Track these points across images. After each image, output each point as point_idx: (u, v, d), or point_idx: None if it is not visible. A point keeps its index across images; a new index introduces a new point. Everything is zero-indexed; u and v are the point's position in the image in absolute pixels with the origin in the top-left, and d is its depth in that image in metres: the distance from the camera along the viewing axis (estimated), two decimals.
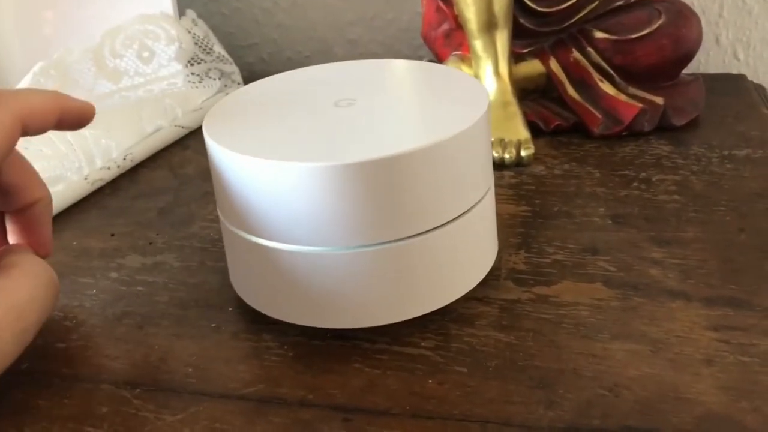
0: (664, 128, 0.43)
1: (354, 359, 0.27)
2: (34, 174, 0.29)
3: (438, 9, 0.45)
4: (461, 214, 0.27)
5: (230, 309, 0.31)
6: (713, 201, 0.35)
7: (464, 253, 0.28)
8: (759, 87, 0.50)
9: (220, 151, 0.27)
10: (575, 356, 0.26)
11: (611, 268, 0.31)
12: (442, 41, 0.47)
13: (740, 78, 0.51)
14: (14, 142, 0.25)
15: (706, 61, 0.53)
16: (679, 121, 0.43)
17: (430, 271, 0.27)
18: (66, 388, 0.27)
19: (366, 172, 0.25)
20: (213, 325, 0.30)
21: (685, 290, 0.29)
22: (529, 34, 0.45)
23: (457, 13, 0.43)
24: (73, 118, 0.28)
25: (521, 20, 0.44)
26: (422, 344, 0.28)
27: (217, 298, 0.32)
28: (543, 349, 0.27)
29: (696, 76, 0.45)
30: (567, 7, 0.45)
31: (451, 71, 0.32)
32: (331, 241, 0.26)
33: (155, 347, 0.29)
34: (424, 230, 0.26)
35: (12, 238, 0.29)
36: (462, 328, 0.28)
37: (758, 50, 0.53)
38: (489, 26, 0.42)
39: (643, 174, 0.39)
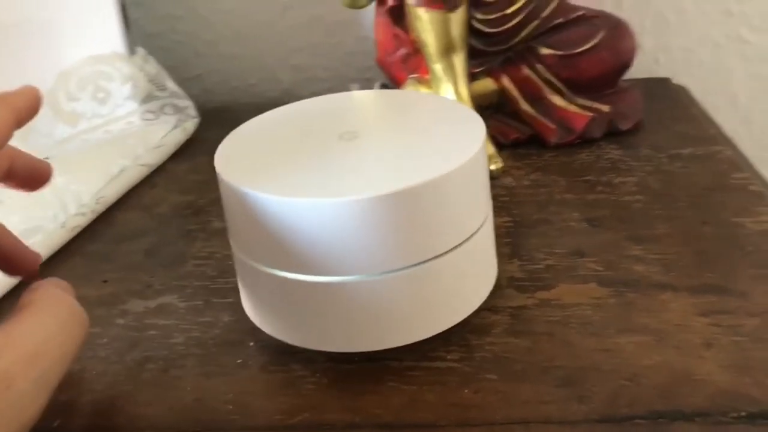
0: (611, 134, 0.47)
1: (388, 378, 0.29)
2: None
3: (395, 36, 0.47)
4: (474, 233, 0.29)
5: (251, 344, 0.31)
6: (673, 198, 0.39)
7: (475, 268, 0.30)
8: (681, 88, 0.55)
9: (239, 192, 0.28)
10: (590, 353, 0.29)
11: (600, 268, 0.34)
12: (400, 65, 0.49)
13: (665, 81, 0.56)
14: None
15: (632, 68, 0.57)
16: (624, 126, 0.47)
17: (448, 289, 0.29)
18: None
19: (389, 204, 0.26)
20: (239, 361, 0.30)
21: (670, 282, 0.32)
22: (479, 54, 0.47)
23: (415, 39, 0.45)
24: (29, 108, 0.28)
25: (472, 41, 0.47)
26: (448, 357, 0.29)
27: (234, 334, 0.32)
28: (559, 349, 0.29)
29: (632, 83, 0.49)
30: (511, 26, 0.47)
31: (445, 100, 0.34)
32: (358, 270, 0.27)
33: (187, 389, 0.29)
34: (444, 251, 0.28)
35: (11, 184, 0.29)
36: (481, 338, 0.30)
37: (676, 55, 0.58)
38: (448, 50, 0.44)
39: (604, 178, 0.42)
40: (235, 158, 0.30)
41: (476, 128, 0.30)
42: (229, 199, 0.29)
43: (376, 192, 0.26)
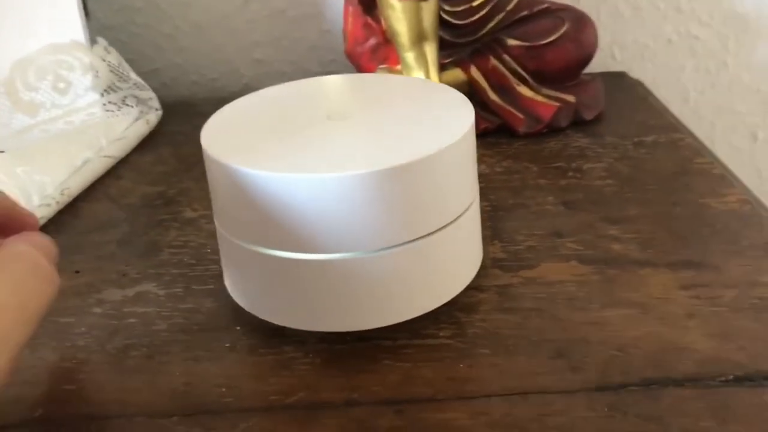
0: (576, 123, 0.48)
1: (382, 357, 0.29)
2: None
3: (365, 25, 0.47)
4: (463, 212, 0.29)
5: (237, 328, 0.31)
6: (642, 182, 0.40)
7: (465, 247, 0.30)
8: (638, 82, 0.57)
9: (225, 167, 0.27)
10: (579, 326, 0.29)
11: (579, 248, 0.35)
12: (369, 56, 0.49)
13: (622, 75, 0.57)
14: None
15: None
16: (589, 116, 0.48)
17: (439, 267, 0.29)
18: (96, 428, 0.26)
19: (381, 180, 0.26)
20: (227, 345, 0.30)
21: (648, 259, 0.33)
22: (448, 45, 0.48)
23: (386, 28, 0.45)
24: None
25: (441, 33, 0.47)
26: (440, 334, 0.30)
27: (219, 319, 0.32)
28: (548, 323, 0.30)
29: (593, 76, 0.51)
30: (478, 18, 0.48)
31: (433, 84, 0.34)
32: (349, 247, 0.27)
33: (175, 374, 0.28)
34: (434, 230, 0.28)
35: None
36: (470, 315, 0.30)
37: (631, 51, 0.60)
38: (419, 39, 0.45)
39: (574, 164, 0.43)
40: (221, 135, 0.30)
41: (465, 109, 0.31)
42: (215, 176, 0.29)
43: (367, 168, 0.26)
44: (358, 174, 0.26)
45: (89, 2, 0.52)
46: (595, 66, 0.58)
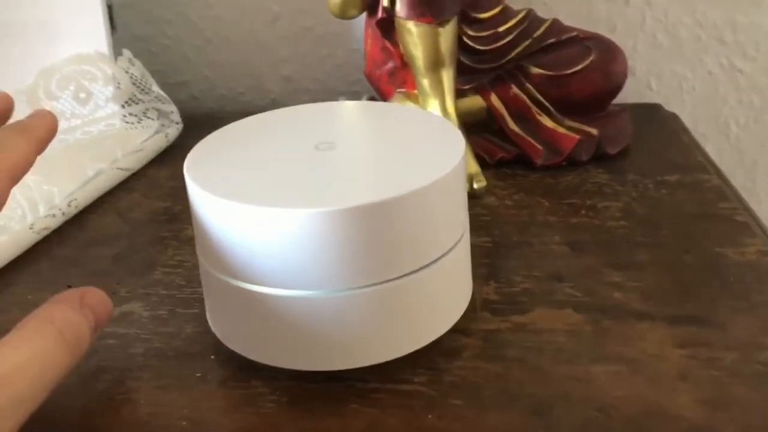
0: (599, 157, 0.46)
1: (350, 400, 0.27)
2: None
3: (383, 48, 0.47)
4: (447, 252, 0.28)
5: (212, 357, 0.30)
6: (656, 225, 0.38)
7: (448, 288, 0.29)
8: (673, 115, 0.54)
9: (205, 197, 0.27)
10: (562, 381, 0.28)
11: (578, 294, 0.33)
12: (387, 79, 0.48)
13: (656, 107, 0.55)
14: (4, 201, 0.24)
15: (623, 92, 0.57)
16: (612, 150, 0.46)
17: (419, 308, 0.28)
18: None
19: (356, 217, 0.25)
20: (198, 374, 0.29)
21: (648, 311, 0.31)
22: (469, 70, 0.47)
23: (404, 52, 0.44)
24: (48, 138, 0.28)
25: (461, 58, 0.46)
26: (415, 380, 0.28)
27: (196, 346, 0.31)
28: (530, 376, 0.28)
29: (623, 107, 0.49)
30: (503, 45, 0.47)
31: (423, 113, 0.33)
32: (323, 285, 0.26)
33: (141, 402, 0.28)
34: (413, 270, 0.27)
35: None
36: (451, 362, 0.29)
37: (668, 81, 0.57)
38: (436, 64, 0.43)
39: (589, 201, 0.41)
40: (205, 164, 0.29)
41: (455, 145, 0.29)
42: (194, 204, 0.28)
43: (343, 205, 0.25)
44: (331, 210, 0.25)
45: (119, 13, 0.53)
46: (629, 96, 0.56)
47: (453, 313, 0.30)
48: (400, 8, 0.42)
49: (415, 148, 0.30)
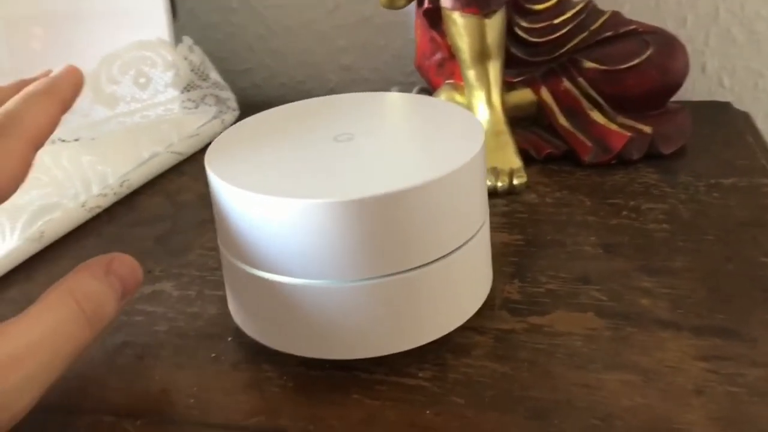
0: (652, 156, 0.44)
1: (353, 390, 0.28)
2: None
3: (431, 39, 0.46)
4: (459, 247, 0.28)
5: (229, 339, 0.31)
6: (701, 230, 0.36)
7: (461, 284, 0.29)
8: (744, 114, 0.51)
9: (222, 186, 0.28)
10: (570, 387, 0.27)
11: (603, 298, 0.32)
12: (435, 70, 0.47)
13: (726, 106, 0.52)
14: (29, 168, 0.25)
15: (692, 89, 0.54)
16: (666, 150, 0.44)
17: (428, 302, 0.28)
18: (67, 421, 0.27)
19: (367, 209, 0.25)
20: (213, 355, 0.30)
21: (675, 320, 0.30)
22: (520, 63, 0.46)
23: (450, 44, 0.44)
24: (74, 96, 0.29)
25: (512, 50, 0.45)
26: (420, 375, 0.28)
27: (216, 327, 0.32)
28: (538, 379, 0.27)
29: (683, 105, 0.46)
30: (557, 37, 0.45)
31: (446, 104, 0.33)
32: (332, 275, 0.26)
33: (156, 378, 0.29)
34: (423, 263, 0.27)
35: None
36: (459, 359, 0.29)
37: (743, 78, 0.54)
38: (482, 56, 0.43)
39: (633, 202, 0.39)
40: (226, 154, 0.30)
41: (475, 137, 0.29)
42: (214, 193, 0.29)
43: (357, 195, 0.25)
44: (344, 201, 0.25)
45: (183, 2, 0.54)
46: (698, 94, 0.54)
47: (466, 310, 0.29)
48: None
49: (434, 139, 0.30)
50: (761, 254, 0.34)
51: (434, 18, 0.44)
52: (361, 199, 0.25)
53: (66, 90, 0.28)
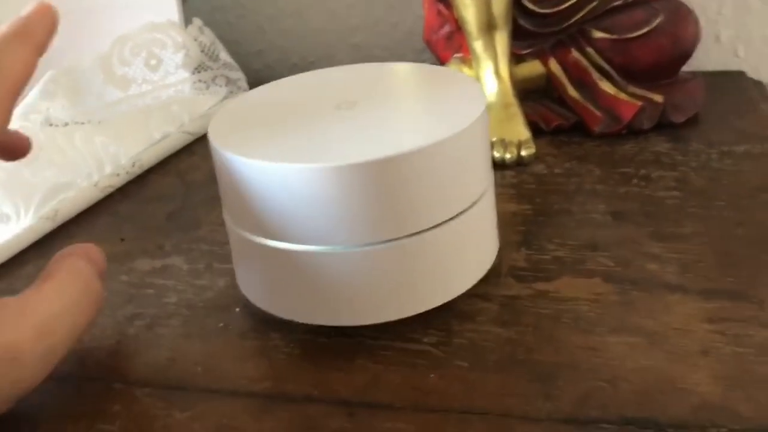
0: (663, 126, 0.43)
1: (358, 355, 0.28)
2: None
3: (439, 13, 0.46)
4: (462, 212, 0.28)
5: (237, 309, 0.31)
6: (712, 196, 0.36)
7: (465, 250, 0.29)
8: (758, 84, 0.51)
9: (224, 155, 0.28)
10: (574, 350, 0.27)
11: (610, 264, 0.32)
12: (444, 44, 0.47)
13: (739, 75, 0.51)
14: (9, 118, 0.25)
15: (706, 59, 0.53)
16: (678, 119, 0.43)
17: (433, 268, 0.28)
18: (79, 388, 0.28)
19: (368, 173, 0.26)
20: (221, 325, 0.31)
21: (682, 284, 0.30)
22: (528, 35, 0.45)
23: (456, 16, 0.44)
24: (48, 38, 0.27)
25: (521, 21, 0.45)
26: (424, 340, 0.28)
27: (224, 299, 0.32)
28: (542, 343, 0.27)
29: (695, 74, 0.46)
30: (566, 8, 0.45)
31: (449, 72, 0.33)
32: (336, 240, 0.27)
33: (164, 347, 0.30)
34: (427, 228, 0.27)
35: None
36: (463, 324, 0.29)
37: (758, 47, 0.53)
38: (488, 27, 0.42)
39: (643, 171, 0.39)
40: (229, 125, 0.30)
41: (477, 101, 0.29)
42: (219, 166, 0.29)
43: (358, 159, 0.25)
44: (345, 165, 0.25)
45: None
46: (712, 64, 0.53)
47: (471, 276, 0.29)
48: None
49: (436, 105, 0.30)
50: None
51: None
52: (363, 163, 0.25)
53: (40, 33, 0.27)
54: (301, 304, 0.28)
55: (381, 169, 0.26)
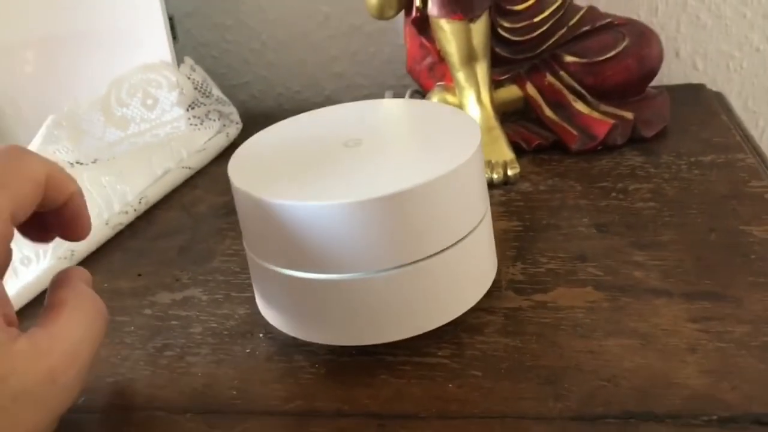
0: (635, 140, 0.47)
1: (380, 372, 0.30)
2: (61, 171, 0.29)
3: (421, 45, 0.49)
4: (466, 235, 0.31)
5: (261, 335, 0.34)
6: (685, 205, 0.39)
7: (470, 269, 0.32)
8: (718, 94, 0.55)
9: (247, 195, 0.30)
10: (576, 354, 0.30)
11: (599, 273, 0.35)
12: (427, 74, 0.50)
13: (700, 87, 0.55)
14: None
15: (668, 73, 0.57)
16: (648, 133, 0.47)
17: (443, 287, 0.31)
18: (124, 418, 0.30)
19: (381, 207, 0.28)
20: (248, 351, 0.33)
21: (666, 288, 0.33)
22: (505, 61, 0.49)
23: (439, 48, 0.47)
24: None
25: (497, 50, 0.48)
26: (439, 354, 0.31)
27: (247, 326, 0.35)
28: (546, 349, 0.30)
29: (661, 90, 0.49)
30: (538, 35, 0.48)
31: (443, 107, 0.36)
32: (355, 268, 0.29)
33: (198, 374, 0.32)
34: (435, 252, 0.30)
35: (55, 233, 0.31)
36: (473, 337, 0.32)
37: (714, 60, 0.57)
38: (470, 58, 0.46)
39: (620, 184, 0.42)
40: (247, 166, 0.33)
41: (472, 135, 0.32)
42: (241, 205, 0.32)
43: (372, 195, 0.28)
44: (362, 201, 0.28)
45: (183, 22, 0.57)
46: (675, 78, 0.57)
47: (476, 292, 0.32)
48: (432, 7, 0.45)
49: (435, 140, 0.32)
50: (740, 223, 0.37)
51: (422, 25, 0.47)
52: (375, 198, 0.28)
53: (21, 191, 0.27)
54: (324, 327, 0.31)
55: (392, 203, 0.28)
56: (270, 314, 0.33)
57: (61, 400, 0.26)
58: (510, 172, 0.44)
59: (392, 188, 0.28)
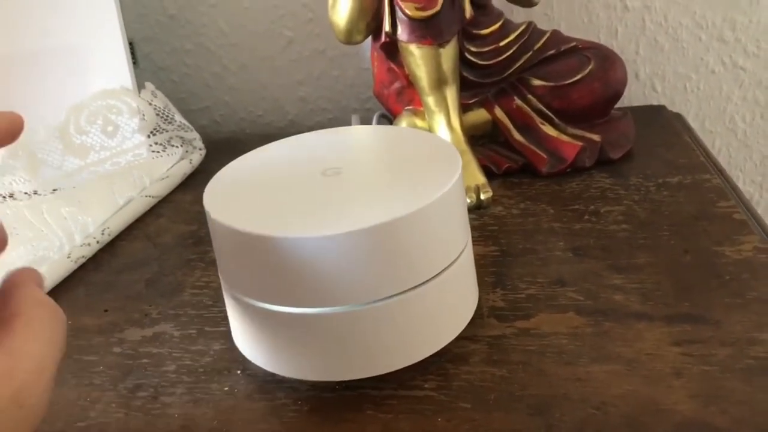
0: (602, 162, 0.47)
1: (366, 407, 0.30)
2: None
3: (389, 69, 0.49)
4: (449, 266, 0.30)
5: (238, 372, 0.33)
6: (657, 227, 0.40)
7: (453, 299, 0.31)
8: (677, 115, 0.56)
9: (224, 227, 0.29)
10: (563, 382, 0.30)
11: (580, 298, 0.35)
12: (395, 98, 0.50)
13: (661, 109, 0.56)
14: None
15: (628, 95, 0.58)
16: (615, 155, 0.48)
17: (426, 318, 0.30)
18: None
19: (362, 239, 0.27)
20: (226, 389, 0.32)
21: (646, 311, 0.33)
22: (473, 85, 0.49)
23: (408, 73, 0.47)
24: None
25: (465, 74, 0.48)
26: (425, 386, 0.30)
27: (223, 362, 0.34)
28: (533, 378, 0.30)
29: (625, 111, 0.50)
30: (504, 58, 0.49)
31: (421, 134, 0.35)
32: (337, 302, 0.28)
33: (175, 416, 0.31)
34: (418, 284, 0.29)
35: None
36: (458, 367, 0.31)
37: (672, 82, 0.59)
38: (439, 83, 0.46)
39: (592, 207, 0.43)
40: (223, 196, 0.32)
41: (453, 164, 0.31)
42: (217, 236, 0.31)
43: (350, 227, 0.27)
44: (340, 233, 0.27)
45: (141, 46, 0.56)
46: (635, 99, 0.58)
47: (460, 321, 0.32)
48: (401, 32, 0.44)
49: (414, 169, 0.32)
50: (712, 244, 0.37)
51: (391, 50, 0.47)
52: (356, 231, 0.27)
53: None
54: (306, 363, 0.30)
55: (373, 235, 0.28)
56: (248, 350, 0.32)
57: (29, 422, 0.24)
58: (483, 196, 0.44)
59: (378, 219, 0.28)
